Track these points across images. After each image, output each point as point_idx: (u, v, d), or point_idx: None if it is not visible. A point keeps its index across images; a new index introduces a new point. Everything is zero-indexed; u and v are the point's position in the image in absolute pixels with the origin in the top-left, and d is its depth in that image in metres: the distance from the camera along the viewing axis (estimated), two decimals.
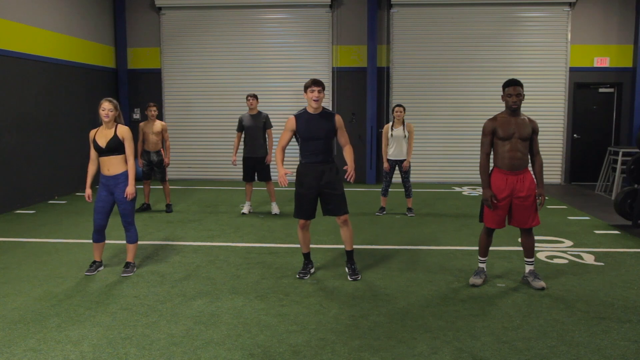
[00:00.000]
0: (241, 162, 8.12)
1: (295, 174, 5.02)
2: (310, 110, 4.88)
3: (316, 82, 4.81)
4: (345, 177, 4.85)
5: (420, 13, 11.54)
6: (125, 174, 5.03)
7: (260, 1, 11.69)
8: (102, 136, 4.97)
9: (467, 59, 11.51)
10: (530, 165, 4.79)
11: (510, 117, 4.62)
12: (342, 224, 4.97)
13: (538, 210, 4.76)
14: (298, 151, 5.05)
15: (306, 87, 4.84)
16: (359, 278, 4.98)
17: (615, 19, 11.23)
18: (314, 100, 4.79)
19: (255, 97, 7.94)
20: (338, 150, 10.41)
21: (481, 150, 4.73)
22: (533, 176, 4.73)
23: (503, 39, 11.46)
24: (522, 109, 4.71)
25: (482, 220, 4.84)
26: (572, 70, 11.40)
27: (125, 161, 5.05)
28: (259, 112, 7.98)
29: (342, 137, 4.96)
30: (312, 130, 4.82)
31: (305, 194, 4.88)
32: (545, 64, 11.41)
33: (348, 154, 4.95)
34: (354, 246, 5.23)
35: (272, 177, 8.17)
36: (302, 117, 4.88)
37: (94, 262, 5.24)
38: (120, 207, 5.07)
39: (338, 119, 4.92)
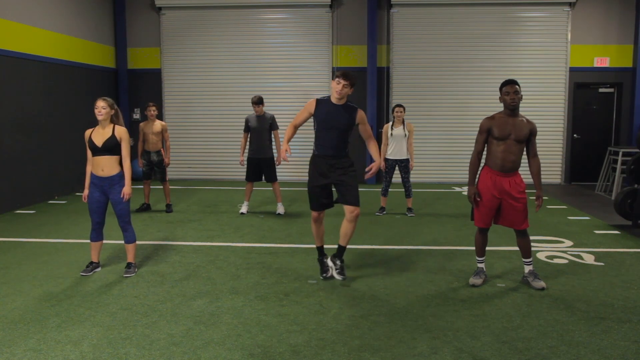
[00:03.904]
0: (246, 162, 8.11)
1: (308, 165, 4.93)
2: (334, 100, 4.71)
3: (345, 76, 4.60)
4: (366, 170, 4.79)
5: (420, 13, 11.54)
6: (120, 175, 4.99)
7: (260, 1, 11.69)
8: (98, 135, 4.95)
9: (467, 59, 11.51)
10: (525, 167, 4.78)
11: (509, 117, 4.61)
12: (351, 219, 4.76)
13: (536, 211, 4.77)
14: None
15: (336, 76, 4.66)
16: (345, 278, 4.87)
17: (615, 19, 11.23)
18: (337, 92, 4.63)
19: (258, 103, 7.83)
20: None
21: (474, 147, 4.74)
22: (522, 178, 4.73)
23: (503, 39, 11.46)
24: (521, 108, 4.71)
25: (473, 219, 4.86)
26: (572, 70, 11.40)
27: (120, 162, 5.02)
28: (265, 113, 7.98)
29: (365, 132, 4.82)
30: (331, 120, 4.66)
31: (318, 186, 4.80)
32: (545, 64, 11.41)
33: (373, 148, 4.83)
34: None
35: (278, 178, 8.18)
36: (323, 103, 4.72)
37: (91, 262, 5.23)
38: (117, 208, 5.04)
39: (360, 114, 4.76)
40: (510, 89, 4.55)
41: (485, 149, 4.75)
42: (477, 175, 4.82)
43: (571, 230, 7.04)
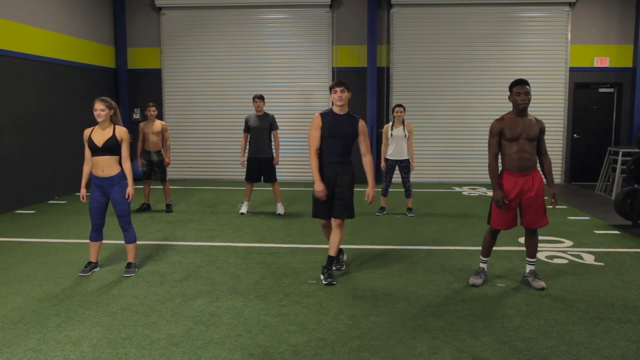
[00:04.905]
0: (245, 162, 8.11)
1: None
2: (336, 110, 4.91)
3: (339, 83, 4.85)
4: (365, 199, 4.95)
5: (420, 13, 11.54)
6: (119, 175, 4.99)
7: (260, 1, 11.69)
8: (98, 135, 4.94)
9: (467, 59, 11.51)
10: (538, 165, 4.77)
11: (518, 117, 4.59)
12: (336, 227, 4.92)
13: (553, 209, 4.76)
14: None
15: (330, 88, 4.91)
16: (334, 283, 4.87)
17: (615, 19, 11.23)
18: (338, 100, 4.82)
19: (261, 98, 7.91)
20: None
21: (489, 152, 4.68)
22: (542, 176, 4.72)
23: (503, 39, 11.46)
24: None
25: (490, 222, 4.82)
26: (572, 70, 11.40)
27: (119, 162, 5.02)
28: (266, 113, 7.98)
29: (363, 144, 4.94)
30: (335, 129, 4.83)
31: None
32: (545, 64, 11.41)
33: (368, 165, 4.96)
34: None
35: (278, 178, 8.18)
36: (327, 115, 4.91)
37: (89, 262, 5.22)
38: (117, 208, 5.04)
39: (362, 124, 4.92)
40: (521, 90, 4.53)
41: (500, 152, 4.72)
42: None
43: (571, 230, 7.04)
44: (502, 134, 4.60)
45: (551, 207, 4.77)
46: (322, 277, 4.96)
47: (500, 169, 4.75)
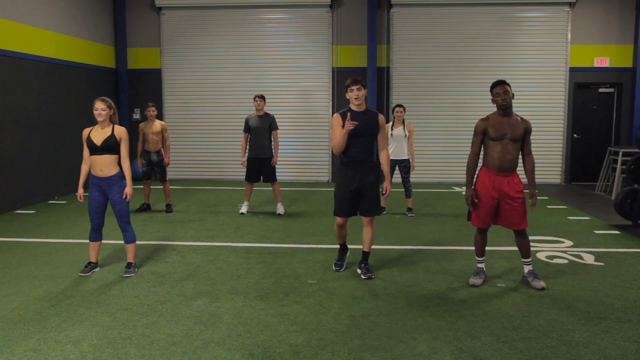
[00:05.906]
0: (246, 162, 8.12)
1: (337, 172, 5.11)
2: (354, 108, 4.90)
3: (355, 81, 4.84)
4: (383, 193, 5.05)
5: (420, 13, 11.54)
6: (119, 175, 4.99)
7: (260, 1, 11.69)
8: (97, 134, 4.94)
9: (467, 59, 11.51)
10: (522, 166, 4.79)
11: (503, 117, 4.63)
12: (367, 224, 5.01)
13: (531, 210, 4.79)
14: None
15: (346, 87, 4.89)
16: (373, 277, 5.00)
17: (615, 19, 11.23)
18: (355, 99, 4.82)
19: (262, 98, 7.92)
20: None
21: (470, 149, 4.76)
22: (520, 178, 4.73)
23: (503, 39, 11.46)
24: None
25: (470, 219, 4.86)
26: (572, 70, 11.40)
27: (118, 162, 5.02)
28: (266, 113, 7.98)
29: (382, 138, 5.00)
30: (357, 127, 4.79)
31: (345, 193, 4.93)
32: (545, 64, 11.41)
33: (385, 159, 5.02)
34: (361, 246, 5.24)
35: (278, 178, 8.19)
36: (346, 114, 4.85)
37: (90, 262, 5.22)
38: (116, 208, 5.04)
39: (381, 118, 4.97)
40: (500, 90, 4.58)
41: (482, 149, 4.77)
42: (475, 176, 4.84)
43: (571, 230, 7.04)
44: (486, 133, 4.65)
45: (531, 208, 4.79)
46: (359, 271, 5.08)
47: (481, 165, 4.80)
